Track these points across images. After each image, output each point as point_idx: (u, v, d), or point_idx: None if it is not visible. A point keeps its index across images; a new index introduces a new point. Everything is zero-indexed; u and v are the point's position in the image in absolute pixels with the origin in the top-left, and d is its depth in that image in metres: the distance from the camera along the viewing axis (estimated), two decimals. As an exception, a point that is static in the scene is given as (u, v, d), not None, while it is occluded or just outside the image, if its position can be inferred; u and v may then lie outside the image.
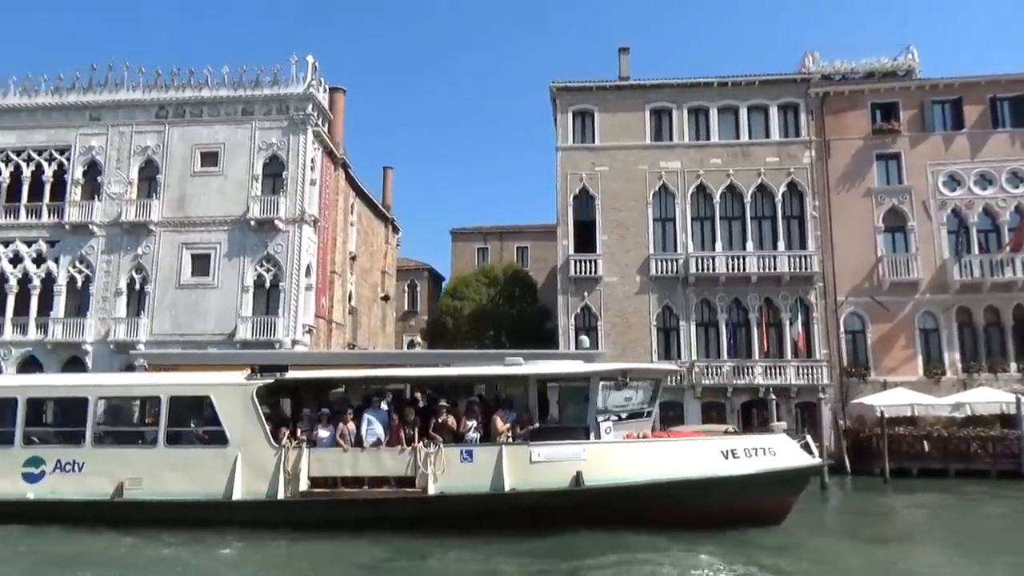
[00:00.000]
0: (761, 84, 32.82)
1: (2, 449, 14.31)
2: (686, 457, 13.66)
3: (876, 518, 18.97)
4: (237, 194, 33.90)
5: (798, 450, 14.58)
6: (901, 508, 20.91)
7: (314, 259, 34.87)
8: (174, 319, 33.13)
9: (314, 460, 13.66)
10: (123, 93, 35.42)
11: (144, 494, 13.72)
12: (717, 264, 31.45)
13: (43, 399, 15.36)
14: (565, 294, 32.37)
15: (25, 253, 34.27)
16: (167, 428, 14.06)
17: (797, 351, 30.36)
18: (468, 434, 13.75)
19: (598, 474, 13.28)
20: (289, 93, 34.57)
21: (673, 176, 32.61)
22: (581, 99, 33.59)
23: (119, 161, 34.78)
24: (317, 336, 35.14)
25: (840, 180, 32.01)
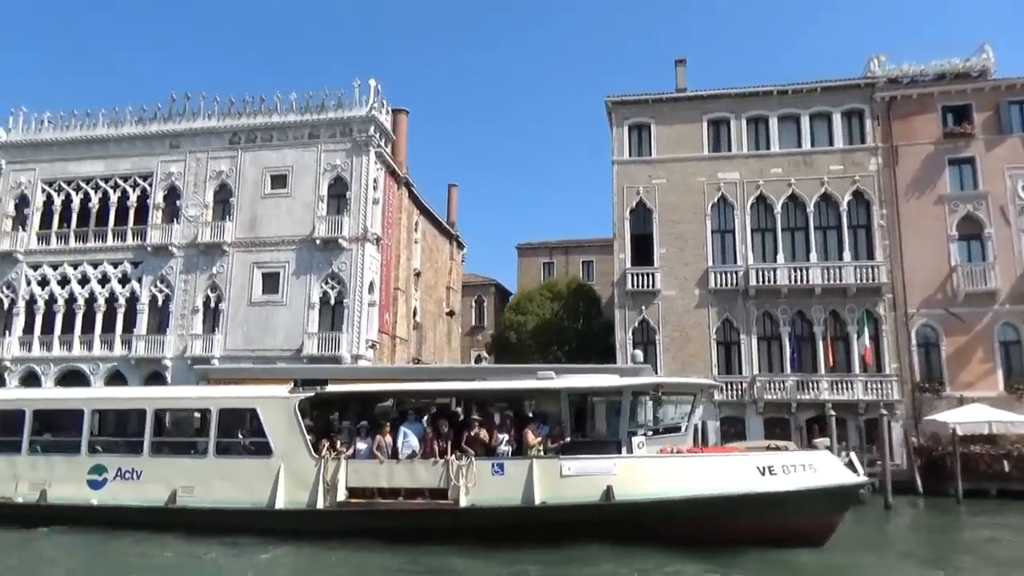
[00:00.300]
0: (823, 91, 32.03)
1: (70, 457, 15.37)
2: (720, 473, 13.45)
3: (937, 540, 18.15)
4: (304, 215, 35.19)
5: (841, 467, 14.13)
6: (968, 531, 19.89)
7: (377, 276, 35.79)
8: (246, 335, 34.55)
9: (351, 471, 14.12)
10: (200, 121, 37.33)
11: (195, 502, 14.47)
12: (779, 276, 30.74)
13: (106, 411, 16.42)
14: (623, 308, 32.23)
15: (112, 274, 36.43)
16: (216, 439, 14.80)
17: (864, 366, 29.22)
18: (500, 447, 13.92)
19: (629, 489, 13.24)
20: (352, 116, 35.74)
21: (732, 187, 32.11)
22: (637, 112, 33.52)
23: (196, 186, 36.64)
24: (381, 351, 36.01)
25: (909, 187, 30.83)
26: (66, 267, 36.91)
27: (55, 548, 14.22)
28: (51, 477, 15.21)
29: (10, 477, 15.41)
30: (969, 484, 25.31)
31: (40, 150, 38.58)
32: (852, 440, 29.45)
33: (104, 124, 38.28)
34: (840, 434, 29.25)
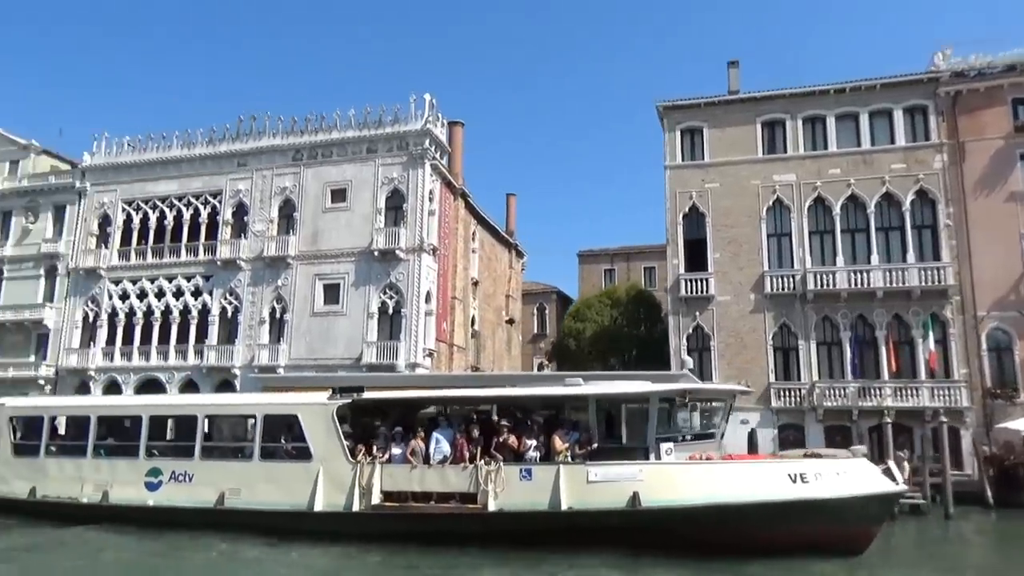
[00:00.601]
0: (883, 87, 31.07)
1: (129, 460, 16.41)
2: (749, 480, 13.35)
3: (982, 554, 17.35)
4: (363, 227, 36.23)
5: (878, 475, 13.78)
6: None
7: (434, 286, 36.50)
8: (308, 345, 35.76)
9: (386, 475, 14.62)
10: (265, 140, 38.92)
11: (241, 503, 15.24)
12: (838, 279, 29.94)
13: (162, 417, 17.43)
14: (676, 314, 31.98)
15: (185, 287, 38.30)
16: (261, 444, 15.55)
17: (930, 371, 28.14)
18: (528, 453, 14.17)
19: (655, 495, 13.29)
20: (408, 130, 36.62)
21: (788, 189, 31.47)
22: (689, 116, 33.25)
23: (262, 201, 38.21)
24: (438, 359, 36.69)
25: (978, 184, 29.57)
26: (144, 282, 38.97)
27: (114, 546, 15.19)
28: (112, 479, 16.26)
29: (76, 478, 16.55)
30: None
31: (120, 172, 40.90)
32: (918, 448, 28.39)
33: (178, 145, 40.31)
34: (905, 442, 28.37)
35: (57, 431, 17.86)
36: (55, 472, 17.04)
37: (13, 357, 40.01)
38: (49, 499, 16.71)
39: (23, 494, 17.06)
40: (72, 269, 40.19)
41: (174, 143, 40.52)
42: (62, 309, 39.90)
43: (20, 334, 40.34)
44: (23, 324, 40.12)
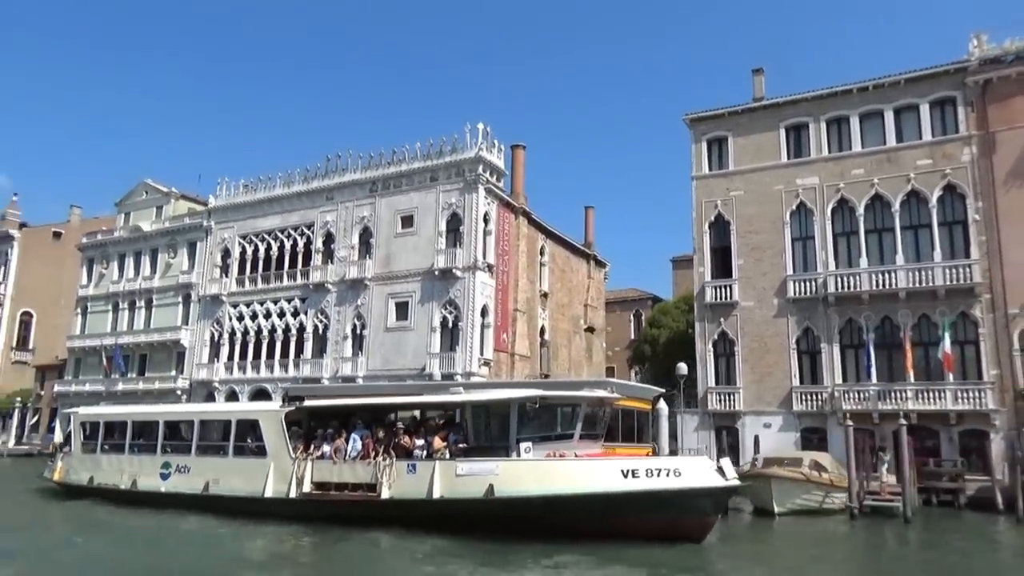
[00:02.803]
0: (907, 82, 30.56)
1: (149, 456, 21.11)
2: (584, 475, 15.46)
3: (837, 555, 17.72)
4: (427, 249, 40.21)
5: (711, 472, 15.32)
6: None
7: (491, 300, 39.70)
8: (383, 357, 40.24)
9: (316, 469, 18.14)
10: (348, 176, 44.04)
11: (219, 490, 19.34)
12: (862, 281, 29.88)
13: (172, 422, 22.03)
14: (702, 320, 33.09)
15: (286, 309, 44.19)
16: (234, 443, 19.57)
17: (944, 372, 27.51)
18: (415, 451, 17.06)
19: (507, 487, 15.73)
20: (463, 158, 40.19)
21: (811, 193, 31.71)
22: (714, 127, 34.24)
23: (345, 231, 43.31)
24: (498, 368, 39.83)
25: (1009, 176, 28.46)
26: (255, 305, 45.34)
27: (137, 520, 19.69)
28: (140, 471, 20.98)
29: (117, 470, 21.53)
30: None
31: (237, 211, 47.73)
32: (946, 452, 27.86)
33: (280, 185, 46.48)
34: (932, 446, 28.01)
35: (110, 433, 23.04)
36: (105, 465, 22.21)
37: (159, 372, 47.88)
38: (100, 486, 21.80)
39: (85, 481, 22.36)
40: (201, 296, 47.44)
41: (277, 183, 46.67)
42: (194, 330, 47.21)
43: (164, 352, 48.17)
44: (166, 344, 47.89)
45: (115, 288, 51.90)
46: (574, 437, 16.95)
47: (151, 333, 48.86)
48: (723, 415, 31.78)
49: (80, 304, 53.49)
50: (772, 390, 31.05)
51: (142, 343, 49.19)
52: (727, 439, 31.66)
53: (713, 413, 31.95)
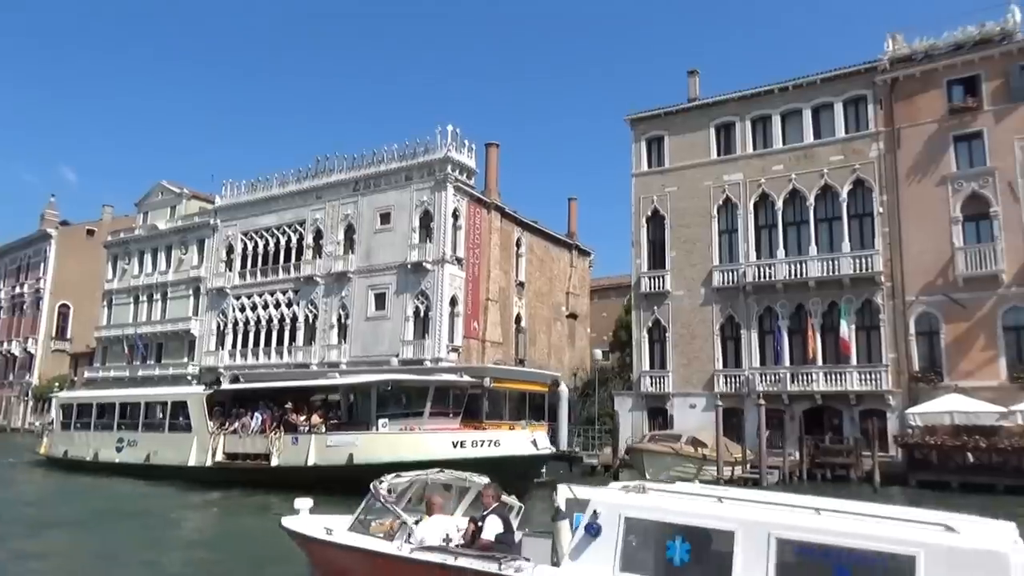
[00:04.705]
0: (823, 82, 32.56)
1: (108, 432, 25.23)
2: (423, 445, 18.80)
3: None
4: (402, 244, 43.72)
5: (525, 443, 18.40)
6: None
7: (460, 291, 42.98)
8: (363, 344, 44.00)
9: (227, 442, 21.81)
10: (334, 176, 47.80)
11: (158, 460, 23.26)
12: (778, 271, 32.17)
13: (125, 403, 26.06)
14: (638, 309, 35.76)
15: (281, 301, 48.33)
16: (169, 421, 23.45)
17: (841, 356, 29.76)
18: (299, 426, 20.57)
19: (364, 455, 19.17)
20: (434, 158, 43.42)
21: (736, 188, 33.99)
22: (653, 126, 36.68)
23: (332, 228, 47.11)
24: (468, 354, 43.16)
25: (911, 170, 30.36)
26: (255, 297, 49.62)
27: (83, 484, 23.69)
28: (100, 445, 25.07)
29: (85, 445, 25.78)
30: (933, 476, 25.63)
31: (240, 209, 52.02)
32: (848, 430, 30.10)
33: (276, 185, 50.46)
34: (837, 424, 30.33)
35: (81, 414, 27.29)
36: (76, 440, 26.50)
37: (173, 359, 52.77)
38: (72, 458, 26.03)
39: (61, 454, 26.67)
40: (208, 289, 52.01)
41: (274, 183, 50.67)
42: (203, 321, 51.86)
43: (177, 340, 53.02)
44: (179, 333, 52.72)
45: (135, 282, 57.04)
46: (424, 414, 20.16)
47: (166, 323, 53.75)
48: (655, 396, 34.50)
49: (106, 297, 58.87)
50: (698, 373, 33.64)
51: (158, 332, 54.17)
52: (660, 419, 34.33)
53: (646, 395, 34.70)
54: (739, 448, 27.61)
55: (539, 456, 18.63)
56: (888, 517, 5.79)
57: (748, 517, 5.92)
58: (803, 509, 6.08)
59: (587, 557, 6.34)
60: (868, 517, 5.77)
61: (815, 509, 5.99)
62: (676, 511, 6.24)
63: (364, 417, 20.11)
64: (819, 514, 5.87)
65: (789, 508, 6.14)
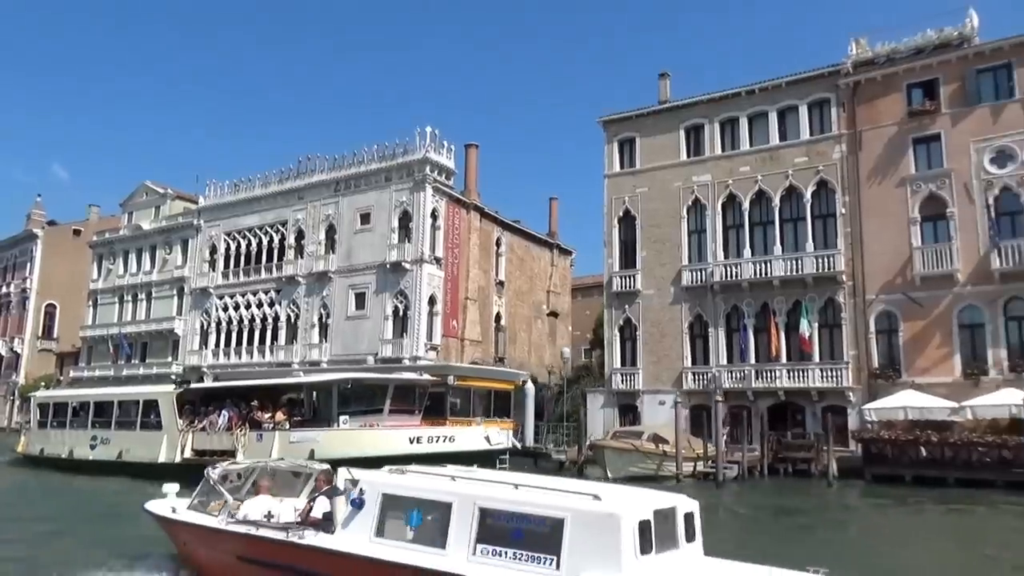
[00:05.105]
0: (788, 85, 33.34)
1: (83, 430, 25.92)
2: (382, 441, 19.56)
3: None
4: (381, 244, 44.42)
5: (478, 439, 19.14)
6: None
7: (439, 290, 43.68)
8: (343, 343, 44.71)
9: (195, 438, 22.49)
10: (316, 176, 48.44)
11: (130, 457, 23.92)
12: (744, 271, 32.94)
13: (99, 402, 26.73)
14: (610, 308, 36.51)
15: (264, 300, 49.01)
16: (140, 419, 24.14)
17: (802, 353, 30.56)
18: (264, 423, 21.28)
19: (325, 451, 19.90)
20: (412, 159, 44.11)
21: (704, 189, 34.76)
22: (625, 128, 37.43)
23: (313, 228, 47.78)
24: (447, 352, 43.88)
25: (872, 172, 31.18)
26: (238, 296, 50.28)
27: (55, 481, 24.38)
28: (75, 443, 25.74)
29: (60, 443, 26.45)
30: (888, 470, 26.45)
31: (223, 210, 52.65)
32: (810, 426, 30.88)
33: (258, 186, 51.07)
34: (800, 420, 31.13)
35: (56, 413, 27.98)
36: (52, 438, 27.20)
37: (157, 358, 53.43)
38: (48, 455, 26.70)
39: (37, 452, 27.35)
40: (192, 289, 52.66)
41: (256, 184, 51.26)
42: (187, 320, 52.52)
43: (161, 340, 53.69)
44: (163, 332, 53.39)
45: (120, 282, 57.66)
46: (384, 411, 20.90)
47: (150, 323, 54.39)
48: (625, 393, 35.29)
49: (91, 297, 59.49)
50: (667, 371, 34.43)
51: (143, 332, 54.82)
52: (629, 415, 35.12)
53: (617, 392, 35.47)
54: (701, 444, 28.38)
55: (492, 451, 19.42)
56: (556, 489, 7.27)
57: (462, 491, 7.45)
58: (506, 485, 7.52)
59: (353, 526, 7.92)
60: (542, 489, 7.27)
61: (515, 485, 7.43)
62: (416, 487, 7.84)
63: (326, 414, 20.87)
64: (516, 488, 7.30)
65: (496, 484, 7.62)
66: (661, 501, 7.40)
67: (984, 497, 22.82)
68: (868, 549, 15.71)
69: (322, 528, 8.25)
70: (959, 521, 20.26)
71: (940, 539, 17.64)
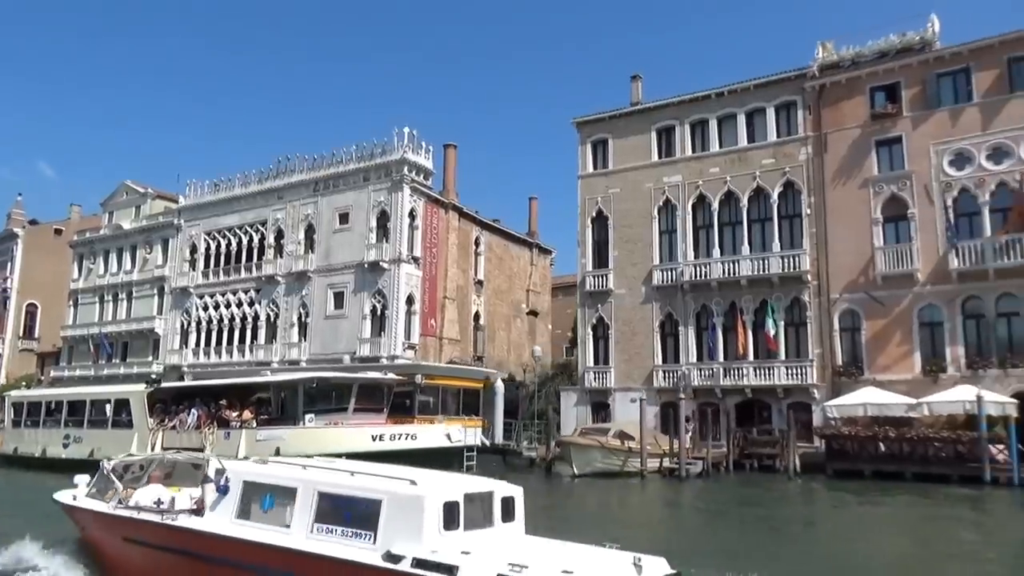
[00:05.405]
0: (756, 87, 33.98)
1: (56, 429, 26.32)
2: (345, 439, 20.11)
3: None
4: (359, 244, 44.84)
5: (440, 436, 19.69)
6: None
7: (417, 289, 44.16)
8: (322, 342, 45.14)
9: (166, 436, 22.96)
10: (295, 176, 48.81)
11: (101, 455, 24.23)
12: (713, 270, 33.57)
13: (72, 401, 27.14)
14: (583, 307, 37.14)
15: (244, 299, 49.37)
16: (112, 417, 24.57)
17: (768, 352, 31.26)
18: (231, 422, 21.76)
19: (291, 448, 20.43)
20: (391, 160, 44.55)
21: (675, 189, 35.40)
22: (598, 129, 38.03)
23: (293, 227, 48.16)
24: (425, 351, 44.38)
25: (836, 173, 31.89)
26: (218, 296, 50.60)
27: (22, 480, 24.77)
28: (48, 442, 26.15)
29: (34, 442, 26.85)
30: (848, 465, 27.15)
31: (203, 209, 52.94)
32: (777, 423, 31.56)
33: (238, 185, 51.38)
34: (767, 417, 31.81)
35: (31, 412, 28.39)
36: (27, 437, 27.63)
37: (138, 358, 53.72)
38: (22, 455, 27.09)
39: (11, 451, 27.73)
40: (172, 288, 52.93)
41: (236, 183, 51.57)
42: (167, 320, 52.79)
43: (142, 340, 53.97)
44: (143, 332, 53.67)
45: (101, 282, 57.85)
46: (348, 410, 21.43)
47: (131, 323, 54.64)
48: (598, 391, 35.92)
49: (72, 296, 59.64)
50: (638, 369, 35.07)
51: (124, 331, 55.06)
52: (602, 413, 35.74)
53: (590, 390, 36.08)
54: (667, 440, 29.02)
55: (452, 448, 19.96)
56: (381, 476, 8.31)
57: (305, 478, 8.51)
58: (344, 472, 8.59)
59: (218, 509, 9.01)
60: (370, 476, 8.35)
61: (351, 472, 8.49)
62: (271, 475, 8.95)
63: (293, 413, 21.38)
64: (352, 476, 8.36)
65: (336, 472, 8.68)
66: (475, 486, 8.38)
67: (936, 491, 23.58)
68: (814, 540, 16.40)
69: (194, 512, 9.34)
70: (906, 513, 20.99)
71: (884, 531, 18.32)
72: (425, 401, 29.01)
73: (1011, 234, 27.41)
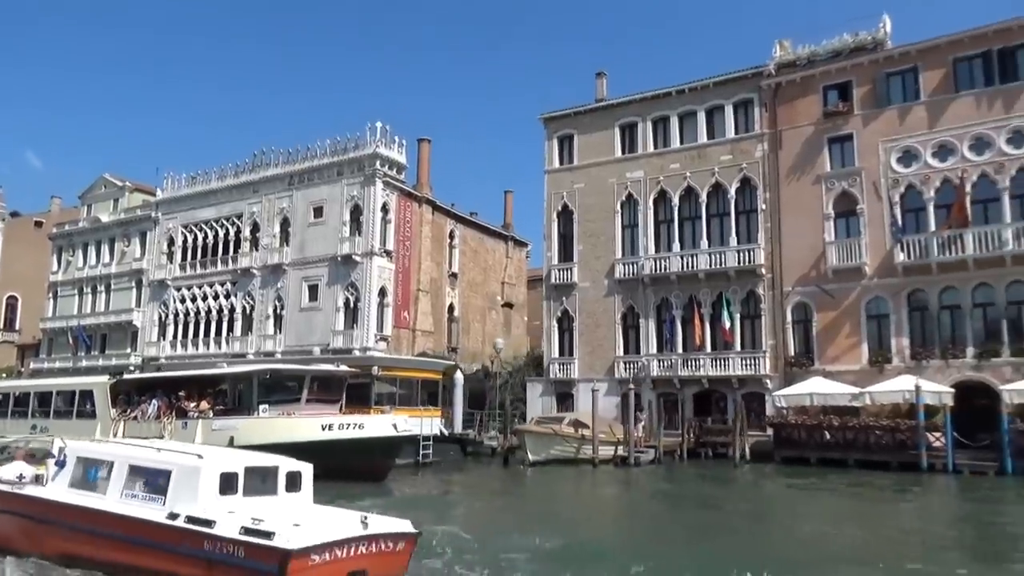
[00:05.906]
0: (716, 85, 34.89)
1: (24, 420, 27.20)
2: (296, 428, 20.99)
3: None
4: (333, 237, 45.71)
5: (386, 426, 20.61)
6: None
7: (390, 282, 45.03)
8: (297, 334, 46.04)
9: (127, 427, 23.80)
10: (271, 170, 49.57)
11: (67, 444, 25.13)
12: (672, 264, 34.55)
13: (39, 392, 27.96)
14: (549, 300, 38.08)
15: (220, 292, 50.18)
16: (77, 408, 25.40)
17: (726, 343, 32.28)
18: (190, 412, 22.62)
19: (244, 438, 21.36)
20: (363, 154, 45.34)
21: (637, 185, 36.33)
22: (564, 125, 38.91)
23: (268, 221, 48.94)
24: (398, 343, 45.32)
25: (791, 170, 32.85)
26: (195, 288, 51.43)
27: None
28: (15, 432, 26.91)
29: (1, 431, 27.47)
30: (794, 452, 28.22)
31: (180, 203, 53.69)
32: (731, 412, 32.58)
33: (215, 179, 52.05)
34: (723, 406, 32.85)
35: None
36: (-7, 427, 28.35)
37: (116, 350, 54.51)
38: (-12, 445, 27.96)
39: None
40: (150, 281, 53.69)
41: (213, 177, 52.23)
42: (145, 312, 53.55)
43: (120, 332, 54.73)
44: (122, 324, 54.43)
45: (79, 274, 58.55)
46: (301, 401, 22.31)
47: (109, 315, 55.40)
48: (562, 382, 36.93)
49: (51, 289, 60.27)
50: (601, 360, 36.09)
51: (102, 324, 55.81)
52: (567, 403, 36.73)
53: (555, 380, 37.07)
54: (622, 429, 30.03)
55: (398, 437, 20.89)
56: (177, 451, 10.41)
57: (120, 453, 10.54)
58: (151, 448, 10.57)
59: (57, 480, 10.91)
60: (170, 451, 10.41)
61: (158, 449, 10.50)
62: (95, 451, 10.95)
63: (248, 403, 22.24)
64: (159, 452, 10.32)
65: (146, 448, 10.63)
66: (259, 461, 10.26)
67: (877, 477, 24.66)
68: (740, 519, 17.39)
69: (40, 482, 11.21)
70: (841, 498, 22.02)
71: (820, 513, 19.23)
72: (392, 393, 29.87)
73: (953, 229, 28.42)
